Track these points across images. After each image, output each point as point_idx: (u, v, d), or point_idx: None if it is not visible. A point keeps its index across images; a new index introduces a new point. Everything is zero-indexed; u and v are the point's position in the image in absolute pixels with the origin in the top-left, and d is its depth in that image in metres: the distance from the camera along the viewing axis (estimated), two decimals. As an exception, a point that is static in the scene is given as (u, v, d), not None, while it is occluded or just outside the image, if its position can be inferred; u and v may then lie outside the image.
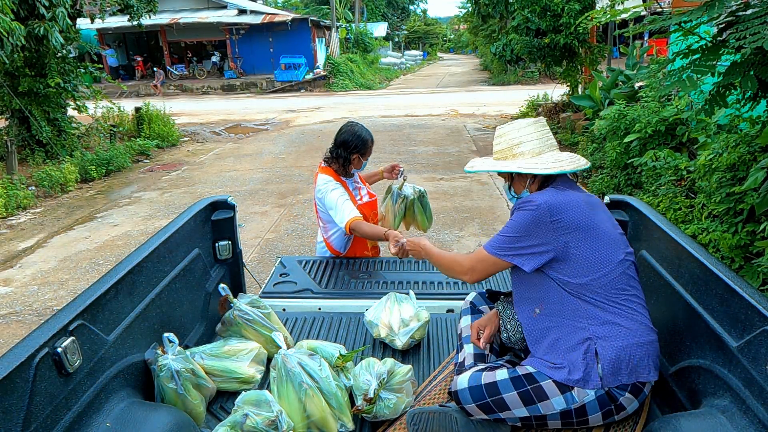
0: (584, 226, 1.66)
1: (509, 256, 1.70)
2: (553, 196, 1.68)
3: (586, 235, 1.65)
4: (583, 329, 1.60)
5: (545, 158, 1.75)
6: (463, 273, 1.81)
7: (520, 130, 1.79)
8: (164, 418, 1.59)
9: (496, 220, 6.17)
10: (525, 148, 1.77)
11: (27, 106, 8.74)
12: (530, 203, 1.66)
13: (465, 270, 1.80)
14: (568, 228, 1.64)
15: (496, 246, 1.72)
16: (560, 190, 1.72)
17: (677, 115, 5.84)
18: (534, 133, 1.78)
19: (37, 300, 4.72)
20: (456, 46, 67.17)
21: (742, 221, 3.78)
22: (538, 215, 1.64)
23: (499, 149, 1.83)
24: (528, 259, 1.67)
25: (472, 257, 1.79)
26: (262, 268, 4.98)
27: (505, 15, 11.41)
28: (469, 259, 1.80)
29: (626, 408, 1.60)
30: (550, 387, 1.59)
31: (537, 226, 1.64)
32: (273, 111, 16.43)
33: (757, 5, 2.74)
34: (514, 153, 1.78)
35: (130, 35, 25.84)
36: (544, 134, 1.79)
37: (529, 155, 1.76)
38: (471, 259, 1.80)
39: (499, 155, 1.83)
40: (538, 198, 1.66)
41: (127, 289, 1.79)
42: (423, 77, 31.07)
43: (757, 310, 1.39)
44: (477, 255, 1.78)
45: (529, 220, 1.65)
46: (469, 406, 1.66)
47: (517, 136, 1.78)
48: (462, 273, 1.82)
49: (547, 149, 1.77)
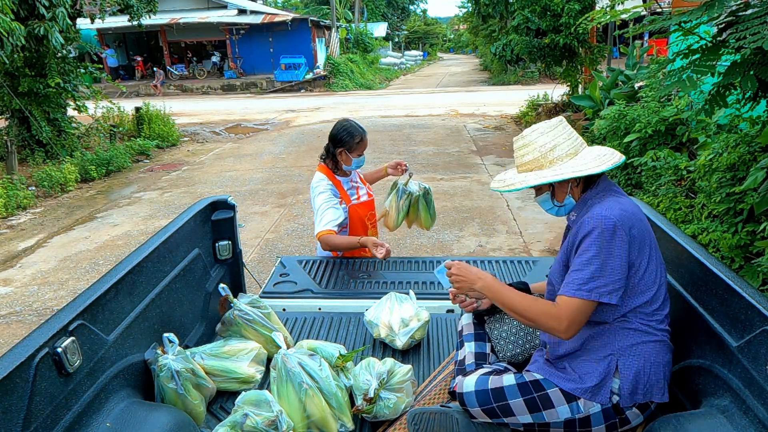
0: (649, 239, 1.56)
1: (608, 294, 1.48)
2: (620, 206, 1.53)
3: (648, 251, 1.55)
4: (609, 345, 1.57)
5: (585, 157, 1.62)
6: (560, 331, 1.51)
7: (549, 133, 1.64)
8: (164, 418, 1.59)
9: (496, 219, 6.17)
10: (561, 151, 1.62)
11: (27, 106, 8.74)
12: (606, 221, 1.49)
13: (563, 328, 1.50)
14: (641, 244, 1.53)
15: (592, 289, 1.48)
16: (617, 196, 1.60)
17: (677, 115, 5.85)
18: (564, 133, 1.64)
19: (37, 300, 4.72)
20: (456, 46, 67.16)
21: (742, 221, 3.78)
22: (621, 235, 1.48)
23: (530, 159, 1.65)
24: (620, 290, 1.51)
25: (567, 309, 1.50)
26: (262, 268, 4.98)
27: (505, 15, 11.41)
28: (564, 311, 1.50)
29: (631, 422, 1.59)
30: (557, 395, 1.58)
31: (621, 249, 1.49)
32: (273, 111, 16.43)
33: (757, 5, 2.74)
34: (550, 159, 1.62)
35: (130, 35, 25.83)
36: (572, 132, 1.67)
37: (567, 158, 1.62)
38: (566, 311, 1.50)
39: (532, 165, 1.65)
40: (608, 212, 1.50)
41: (127, 289, 1.79)
42: (423, 77, 31.07)
43: (757, 310, 1.39)
44: (571, 305, 1.49)
45: (613, 244, 1.48)
46: (474, 409, 1.65)
47: (548, 140, 1.63)
48: (557, 329, 1.52)
49: (580, 147, 1.66)
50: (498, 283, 1.66)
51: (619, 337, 1.56)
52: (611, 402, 1.55)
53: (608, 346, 1.57)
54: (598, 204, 1.57)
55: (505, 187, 1.67)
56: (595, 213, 1.52)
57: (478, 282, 1.67)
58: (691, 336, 1.69)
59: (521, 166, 1.68)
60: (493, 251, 5.30)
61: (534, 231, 5.78)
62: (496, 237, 5.63)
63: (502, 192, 1.67)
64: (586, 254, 1.50)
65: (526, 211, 6.41)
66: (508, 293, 1.63)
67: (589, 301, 1.49)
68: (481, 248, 5.38)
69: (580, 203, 1.66)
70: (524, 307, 1.58)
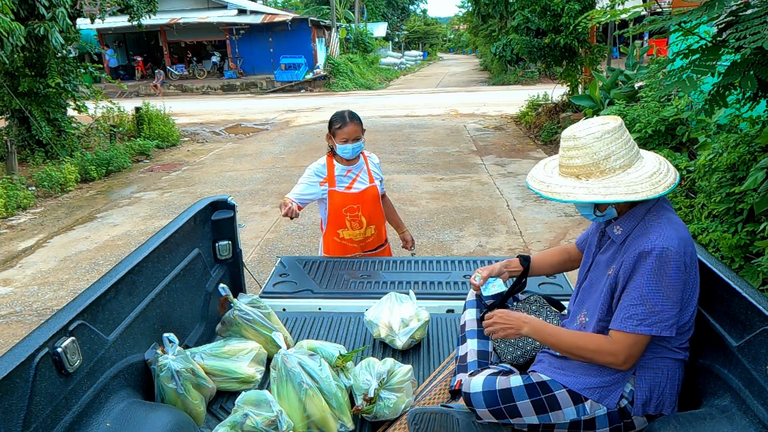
0: (696, 264, 1.51)
1: (669, 328, 1.45)
2: (677, 233, 1.46)
3: (694, 275, 1.50)
4: None
5: (640, 171, 1.50)
6: (618, 365, 1.50)
7: (606, 138, 1.49)
8: (164, 418, 1.59)
9: (496, 219, 6.17)
10: (615, 162, 1.49)
11: (27, 106, 8.74)
12: (667, 253, 1.42)
13: (620, 362, 1.49)
14: (693, 270, 1.48)
15: (653, 323, 1.44)
16: (668, 214, 1.51)
17: (677, 115, 5.85)
18: (621, 140, 1.50)
19: (37, 300, 4.72)
20: (456, 46, 67.16)
21: (742, 221, 3.78)
22: (680, 267, 1.43)
23: (579, 164, 1.51)
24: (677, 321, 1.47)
25: (625, 344, 1.47)
26: (262, 268, 4.98)
27: (505, 15, 11.40)
28: (621, 346, 1.47)
29: (635, 427, 1.59)
30: (564, 397, 1.58)
31: (679, 280, 1.43)
32: (273, 111, 16.43)
33: (757, 5, 2.74)
34: (602, 169, 1.49)
35: (130, 35, 25.83)
36: (629, 139, 1.53)
37: (621, 170, 1.49)
38: (624, 346, 1.47)
39: (579, 171, 1.52)
40: (668, 242, 1.43)
41: (127, 289, 1.79)
42: (423, 77, 31.08)
43: (757, 310, 1.39)
44: (629, 341, 1.46)
45: (673, 277, 1.43)
46: (481, 410, 1.64)
47: (603, 147, 1.48)
48: (615, 364, 1.50)
49: (635, 158, 1.52)
50: (545, 325, 1.64)
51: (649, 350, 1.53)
52: (618, 406, 1.55)
53: None
54: (654, 228, 1.48)
55: (549, 193, 1.55)
56: (654, 242, 1.44)
57: (524, 327, 1.63)
58: (692, 336, 1.68)
59: (566, 168, 1.55)
60: (493, 251, 5.30)
61: (534, 231, 5.78)
62: (496, 237, 5.63)
63: (544, 197, 1.56)
64: (645, 287, 1.44)
65: (525, 211, 6.42)
66: (558, 334, 1.60)
67: (648, 335, 1.46)
68: (481, 248, 5.38)
69: (629, 218, 1.55)
70: (578, 347, 1.55)
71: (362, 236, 3.00)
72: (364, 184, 2.96)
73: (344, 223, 2.94)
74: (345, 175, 2.92)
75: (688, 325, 1.53)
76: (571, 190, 1.51)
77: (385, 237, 3.18)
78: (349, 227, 2.95)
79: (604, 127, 1.49)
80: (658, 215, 1.51)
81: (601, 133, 1.49)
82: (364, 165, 2.98)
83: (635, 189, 1.46)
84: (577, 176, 1.53)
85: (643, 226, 1.51)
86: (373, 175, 3.01)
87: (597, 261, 1.69)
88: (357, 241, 3.00)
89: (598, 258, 1.69)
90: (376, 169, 3.07)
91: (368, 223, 2.97)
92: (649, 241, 1.45)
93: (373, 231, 3.01)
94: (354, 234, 2.97)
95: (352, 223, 2.94)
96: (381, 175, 3.10)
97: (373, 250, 3.08)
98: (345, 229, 2.95)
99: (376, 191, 2.98)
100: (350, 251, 3.02)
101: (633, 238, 1.52)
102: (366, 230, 2.98)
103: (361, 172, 2.96)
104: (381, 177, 3.10)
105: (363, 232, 2.98)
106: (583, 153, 1.50)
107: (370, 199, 2.95)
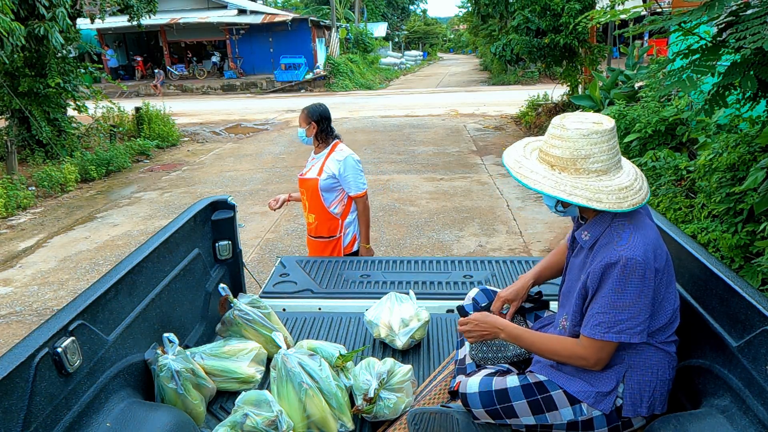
0: (668, 266, 1.52)
1: (637, 334, 1.46)
2: (643, 240, 1.46)
3: (667, 278, 1.52)
4: (619, 358, 1.56)
5: (612, 182, 1.47)
6: (590, 367, 1.54)
7: (591, 137, 1.46)
8: (164, 418, 1.59)
9: (496, 219, 6.17)
10: (592, 164, 1.46)
11: (27, 106, 8.74)
12: (630, 263, 1.42)
13: (591, 364, 1.53)
14: (662, 275, 1.49)
15: (621, 331, 1.46)
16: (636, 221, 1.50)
17: (677, 115, 5.85)
18: (605, 145, 1.47)
19: (37, 300, 4.72)
20: (456, 46, 67.15)
21: (741, 221, 3.78)
22: (648, 276, 1.43)
23: (558, 155, 1.49)
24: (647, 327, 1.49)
25: (594, 349, 1.50)
26: (262, 268, 4.98)
27: (505, 15, 11.39)
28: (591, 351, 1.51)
29: (633, 426, 1.60)
30: (561, 397, 1.58)
31: (648, 288, 1.44)
32: (273, 111, 16.43)
33: (757, 5, 2.74)
34: (578, 168, 1.47)
35: (130, 35, 25.83)
36: (614, 146, 1.50)
37: (594, 174, 1.47)
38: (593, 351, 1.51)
39: (555, 162, 1.50)
40: (633, 252, 1.42)
41: (127, 289, 1.79)
42: (423, 77, 31.07)
43: (757, 310, 1.39)
44: (597, 346, 1.49)
45: (640, 285, 1.43)
46: (477, 410, 1.64)
47: (586, 147, 1.45)
48: (587, 366, 1.55)
49: (613, 166, 1.49)
50: (521, 330, 1.67)
51: (631, 352, 1.55)
52: (614, 406, 1.55)
53: (618, 358, 1.55)
54: (620, 236, 1.47)
55: (518, 175, 1.54)
56: (621, 253, 1.43)
57: (501, 334, 1.68)
58: (691, 336, 1.68)
59: (545, 155, 1.53)
60: (493, 251, 5.30)
61: (534, 231, 5.78)
62: (496, 237, 5.63)
63: (512, 177, 1.55)
64: (611, 296, 1.45)
65: (525, 211, 6.41)
66: (532, 339, 1.63)
67: (616, 342, 1.48)
68: (481, 248, 5.38)
69: (596, 223, 1.55)
70: (553, 352, 1.59)
71: (306, 219, 3.25)
72: (312, 174, 3.10)
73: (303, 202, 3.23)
74: (310, 160, 3.18)
75: (670, 319, 1.54)
76: (540, 179, 1.50)
77: (334, 233, 3.14)
78: (305, 207, 3.22)
79: (594, 127, 1.47)
80: (625, 221, 1.50)
81: (588, 132, 1.46)
82: (323, 158, 3.08)
83: (600, 197, 1.45)
84: (552, 165, 1.51)
85: (610, 233, 1.50)
86: (325, 169, 3.03)
87: (571, 264, 1.70)
88: (308, 223, 3.25)
89: (571, 261, 1.70)
90: (334, 165, 3.02)
91: (309, 211, 3.17)
92: (615, 251, 1.45)
93: (312, 219, 3.17)
94: (305, 215, 3.25)
95: (304, 204, 3.22)
96: (340, 174, 3.02)
97: (317, 237, 3.21)
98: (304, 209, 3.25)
99: (315, 184, 3.06)
100: None
101: (600, 246, 1.52)
102: (308, 215, 3.20)
103: (317, 162, 3.09)
104: (340, 175, 3.03)
105: (306, 215, 3.22)
106: (565, 145, 1.48)
107: (309, 189, 3.11)
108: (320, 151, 3.11)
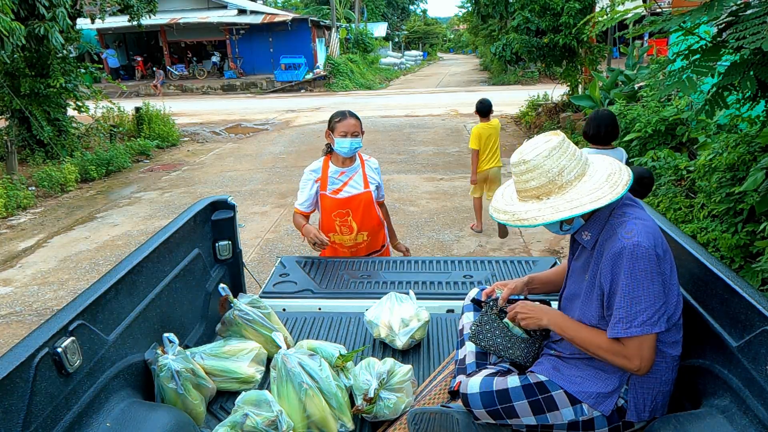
0: (669, 254, 1.51)
1: (662, 322, 1.45)
2: (643, 225, 1.47)
3: (671, 266, 1.51)
4: None
5: (595, 178, 1.51)
6: (634, 369, 1.49)
7: (554, 155, 1.50)
8: (164, 418, 1.59)
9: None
10: (569, 175, 1.50)
11: (27, 106, 8.74)
12: (638, 250, 1.42)
13: (635, 367, 1.48)
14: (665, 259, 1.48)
15: (643, 322, 1.43)
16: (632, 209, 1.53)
17: (677, 115, 5.86)
18: (568, 153, 1.51)
19: (37, 300, 4.72)
20: (456, 46, 67.16)
21: (742, 221, 3.78)
22: (652, 257, 1.43)
23: (537, 185, 1.52)
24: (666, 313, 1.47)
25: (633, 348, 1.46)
26: (262, 268, 4.98)
27: (505, 15, 11.39)
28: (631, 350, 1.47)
29: (634, 425, 1.60)
30: (562, 398, 1.58)
31: (657, 272, 1.44)
32: (273, 111, 16.43)
33: (757, 5, 2.74)
34: (559, 185, 1.50)
35: (130, 35, 25.82)
36: (575, 150, 1.54)
37: (577, 180, 1.51)
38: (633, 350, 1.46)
39: (539, 192, 1.52)
40: (636, 238, 1.44)
41: (127, 289, 1.79)
42: (423, 77, 31.07)
43: (757, 310, 1.39)
44: (634, 344, 1.46)
45: (650, 270, 1.43)
46: (478, 411, 1.64)
47: (555, 164, 1.49)
48: (630, 368, 1.49)
49: (586, 166, 1.54)
50: (564, 318, 1.64)
51: None
52: (616, 406, 1.55)
53: None
54: (621, 227, 1.48)
55: (516, 221, 1.53)
56: (624, 242, 1.45)
57: (544, 318, 1.66)
58: (691, 336, 1.68)
59: (525, 193, 1.55)
60: (493, 251, 5.30)
61: (534, 231, 5.78)
62: (496, 237, 5.63)
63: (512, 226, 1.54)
64: (626, 287, 1.44)
65: (526, 211, 6.40)
66: (578, 328, 1.59)
67: (653, 334, 1.45)
68: (481, 248, 5.38)
69: (594, 221, 1.56)
70: (596, 345, 1.54)
71: (353, 242, 2.92)
72: (357, 189, 2.86)
73: (334, 227, 2.88)
74: (338, 177, 2.84)
75: (676, 316, 1.53)
76: (537, 213, 1.51)
77: (383, 242, 3.08)
78: (338, 231, 2.88)
79: (548, 144, 1.51)
80: (621, 213, 1.53)
81: (548, 151, 1.50)
82: (359, 168, 2.88)
83: (597, 195, 1.47)
84: (537, 197, 1.53)
85: (610, 227, 1.52)
86: (369, 180, 2.90)
87: (573, 268, 1.70)
88: (347, 246, 2.94)
89: (573, 265, 1.70)
90: (374, 174, 2.95)
91: (360, 229, 2.88)
92: (619, 241, 1.46)
93: (365, 237, 2.92)
94: (344, 239, 2.91)
95: (342, 228, 2.87)
96: (379, 181, 2.98)
97: (366, 255, 2.99)
98: (335, 234, 2.90)
99: (369, 197, 2.87)
100: (341, 255, 2.98)
101: (602, 242, 1.53)
102: (357, 236, 2.89)
103: (355, 175, 2.86)
104: (379, 183, 2.98)
105: (353, 237, 2.90)
106: (537, 174, 1.51)
107: (362, 205, 2.84)
108: (351, 164, 2.87)
